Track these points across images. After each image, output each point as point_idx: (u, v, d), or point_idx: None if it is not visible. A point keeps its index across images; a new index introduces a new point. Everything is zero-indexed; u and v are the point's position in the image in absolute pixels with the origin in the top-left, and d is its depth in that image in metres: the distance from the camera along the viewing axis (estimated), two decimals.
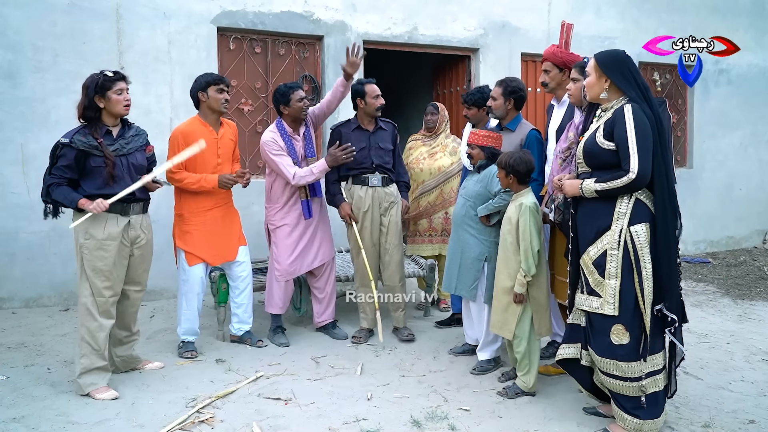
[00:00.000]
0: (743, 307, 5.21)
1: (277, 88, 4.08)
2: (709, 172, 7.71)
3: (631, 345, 2.66)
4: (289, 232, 4.06)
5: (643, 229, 2.63)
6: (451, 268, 3.69)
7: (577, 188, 2.76)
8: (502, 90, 3.86)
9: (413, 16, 6.12)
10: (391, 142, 4.23)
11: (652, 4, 7.25)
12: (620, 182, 2.60)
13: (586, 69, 2.86)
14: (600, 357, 2.72)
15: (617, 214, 2.66)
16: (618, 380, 2.69)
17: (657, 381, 2.70)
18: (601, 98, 2.77)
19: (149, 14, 5.16)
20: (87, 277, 3.20)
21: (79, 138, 3.14)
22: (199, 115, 3.86)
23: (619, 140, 2.62)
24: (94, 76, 3.21)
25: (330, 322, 4.33)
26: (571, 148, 3.28)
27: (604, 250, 2.68)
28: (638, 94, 2.68)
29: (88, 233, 3.18)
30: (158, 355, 3.87)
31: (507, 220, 3.31)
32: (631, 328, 2.65)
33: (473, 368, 3.63)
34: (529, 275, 3.18)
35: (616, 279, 2.66)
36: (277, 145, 3.96)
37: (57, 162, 3.17)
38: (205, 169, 3.79)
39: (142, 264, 3.43)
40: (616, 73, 2.70)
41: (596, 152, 2.72)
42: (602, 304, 2.69)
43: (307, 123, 4.15)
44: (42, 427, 2.90)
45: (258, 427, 2.89)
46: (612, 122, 2.67)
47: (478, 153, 3.58)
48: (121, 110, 3.25)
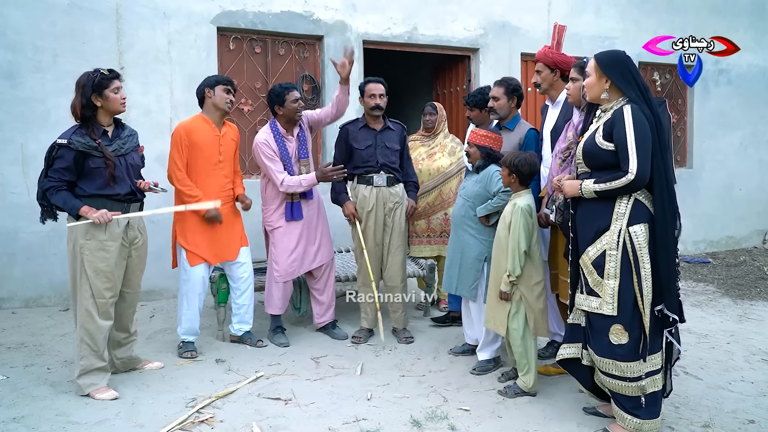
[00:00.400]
0: (743, 307, 5.21)
1: (273, 88, 4.08)
2: (709, 172, 7.71)
3: (630, 345, 2.66)
4: (287, 233, 4.07)
5: (642, 229, 2.64)
6: (452, 268, 3.69)
7: (576, 189, 2.77)
8: (504, 89, 3.86)
9: (413, 16, 6.12)
10: (398, 142, 4.23)
11: (652, 4, 7.25)
12: (619, 183, 2.61)
13: (587, 69, 2.86)
14: (599, 357, 2.72)
15: (616, 214, 2.67)
16: (618, 380, 2.70)
17: (656, 381, 2.70)
18: (602, 99, 2.77)
19: (149, 14, 5.16)
20: (87, 279, 3.17)
21: (77, 139, 3.11)
22: (203, 112, 3.87)
23: (619, 141, 2.63)
24: (90, 74, 3.18)
25: (330, 323, 4.34)
26: (571, 148, 3.28)
27: (603, 251, 2.69)
28: (638, 95, 2.68)
29: (89, 233, 3.16)
30: (158, 355, 3.87)
31: (502, 219, 3.35)
32: (630, 328, 2.66)
33: (473, 368, 3.63)
34: (513, 275, 3.19)
35: (615, 279, 2.66)
36: (270, 149, 3.97)
37: (54, 164, 3.12)
38: (207, 167, 3.80)
39: (139, 265, 3.42)
40: (616, 73, 2.71)
41: (595, 153, 2.73)
42: (601, 304, 2.70)
43: (302, 124, 4.15)
44: (42, 427, 2.90)
45: (258, 427, 2.89)
46: (611, 123, 2.67)
47: (475, 152, 3.59)
48: (119, 108, 3.25)
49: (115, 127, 3.32)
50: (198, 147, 3.77)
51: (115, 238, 3.22)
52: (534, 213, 3.28)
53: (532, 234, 3.24)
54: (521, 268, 3.20)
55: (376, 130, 4.19)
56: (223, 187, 3.89)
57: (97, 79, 3.16)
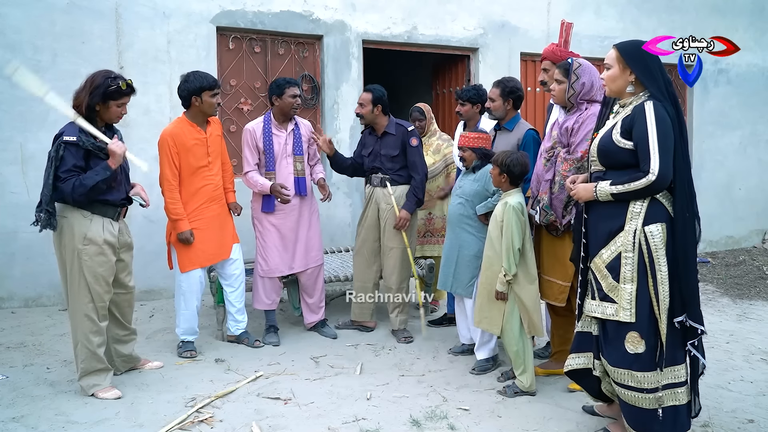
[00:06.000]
0: (742, 307, 5.22)
1: (276, 79, 4.13)
2: (708, 171, 7.71)
3: (647, 354, 2.48)
4: (271, 229, 4.09)
5: (659, 229, 2.45)
6: (448, 266, 3.69)
7: (591, 192, 2.58)
8: (500, 91, 3.85)
9: (412, 15, 6.12)
10: (396, 147, 4.18)
11: (651, 4, 7.25)
12: (638, 184, 2.42)
13: (605, 61, 2.62)
14: (614, 367, 2.54)
15: (631, 213, 2.48)
16: (634, 392, 2.51)
17: (677, 394, 2.50)
18: (627, 92, 2.57)
19: (148, 14, 5.15)
20: (87, 284, 3.16)
21: (84, 137, 3.09)
22: (187, 115, 3.82)
23: (639, 139, 2.44)
24: (108, 80, 3.12)
25: (319, 321, 4.35)
26: (555, 147, 3.26)
27: (618, 253, 2.51)
28: (660, 90, 2.50)
29: (86, 238, 3.14)
30: (157, 354, 3.87)
31: (493, 219, 3.34)
32: (647, 336, 2.48)
33: (473, 368, 3.63)
34: (509, 274, 3.19)
35: (633, 283, 2.47)
36: (252, 139, 4.06)
37: (63, 162, 3.04)
38: (197, 170, 3.78)
39: (127, 267, 3.41)
40: (640, 65, 2.51)
41: (612, 151, 2.55)
42: (617, 310, 2.50)
43: (299, 125, 4.17)
44: (41, 426, 2.90)
45: (257, 426, 2.89)
46: (631, 119, 2.49)
47: (470, 155, 3.59)
48: (114, 120, 3.24)
49: (107, 129, 3.28)
50: (186, 152, 3.73)
51: (111, 242, 3.21)
52: (525, 211, 3.28)
53: (524, 232, 3.24)
54: (516, 267, 3.20)
55: (377, 136, 4.25)
56: (216, 186, 3.88)
57: (114, 89, 3.11)
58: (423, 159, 4.24)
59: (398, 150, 4.18)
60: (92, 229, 3.15)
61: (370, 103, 4.16)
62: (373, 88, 4.20)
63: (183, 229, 3.70)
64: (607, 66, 2.62)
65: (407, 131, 4.19)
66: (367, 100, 4.17)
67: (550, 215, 3.23)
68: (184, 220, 3.71)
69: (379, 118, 4.20)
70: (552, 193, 3.21)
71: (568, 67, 3.20)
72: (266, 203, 4.07)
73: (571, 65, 3.20)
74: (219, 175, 3.92)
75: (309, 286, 4.26)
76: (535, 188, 3.37)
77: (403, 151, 4.18)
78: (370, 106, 4.16)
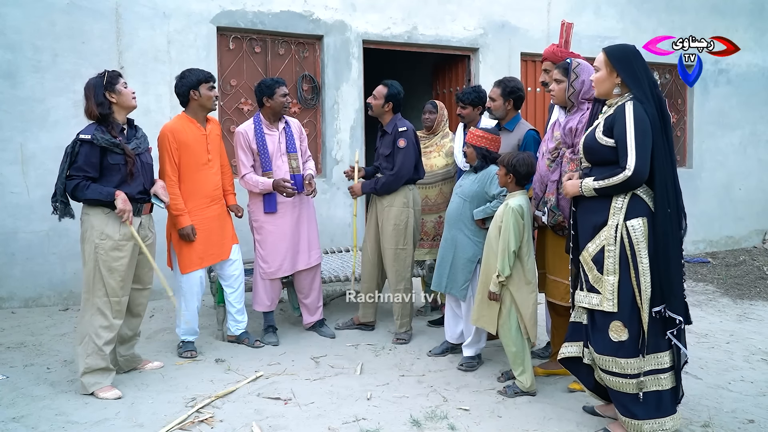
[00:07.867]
0: (743, 307, 5.22)
1: (263, 80, 4.11)
2: (708, 171, 7.71)
3: (630, 342, 2.63)
4: (272, 231, 4.08)
5: (640, 223, 2.60)
6: (442, 267, 3.69)
7: (577, 188, 2.75)
8: (501, 90, 3.85)
9: (413, 15, 6.12)
10: (389, 146, 4.17)
11: (651, 4, 7.25)
12: (617, 179, 2.59)
13: (594, 64, 2.81)
14: (599, 354, 2.70)
15: (613, 209, 2.65)
16: (617, 377, 2.66)
17: (660, 380, 2.65)
18: (614, 94, 2.72)
19: (148, 14, 5.15)
20: (102, 277, 3.20)
21: (100, 135, 3.14)
22: (187, 112, 3.83)
23: (618, 137, 2.61)
24: (97, 76, 3.24)
25: (317, 321, 4.35)
26: (559, 148, 3.27)
27: (602, 246, 2.67)
28: (645, 93, 2.63)
29: (104, 234, 3.19)
30: (158, 354, 3.87)
31: (494, 220, 3.36)
32: (630, 324, 2.63)
33: (460, 364, 3.68)
34: (503, 275, 3.20)
35: (615, 275, 2.63)
36: (246, 141, 4.03)
37: (77, 160, 3.13)
38: (197, 167, 3.78)
39: (148, 263, 3.43)
40: (626, 68, 2.66)
41: (595, 148, 2.71)
42: (601, 301, 2.67)
43: (289, 123, 4.18)
44: (41, 426, 2.90)
45: (257, 426, 2.89)
46: (613, 118, 2.65)
47: (472, 152, 3.59)
48: (131, 102, 3.30)
49: (129, 126, 3.37)
50: (186, 148, 3.74)
51: (128, 237, 3.25)
52: (526, 214, 3.26)
53: (522, 235, 3.24)
54: (510, 269, 3.21)
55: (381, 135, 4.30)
56: (216, 186, 3.89)
57: (106, 77, 3.22)
58: (407, 162, 4.09)
59: (390, 149, 4.17)
60: (110, 225, 3.19)
61: (383, 97, 4.17)
62: (390, 83, 4.19)
63: (184, 225, 3.70)
64: (596, 68, 2.80)
65: (398, 131, 4.15)
66: (381, 94, 4.18)
67: (558, 216, 3.25)
68: (184, 215, 3.71)
69: (386, 114, 4.21)
70: (559, 194, 3.23)
71: (567, 67, 3.22)
72: (268, 203, 4.05)
73: (570, 64, 3.22)
74: (219, 174, 3.92)
75: (306, 286, 4.25)
76: (538, 189, 3.38)
77: (390, 148, 4.18)
78: (382, 101, 4.18)
